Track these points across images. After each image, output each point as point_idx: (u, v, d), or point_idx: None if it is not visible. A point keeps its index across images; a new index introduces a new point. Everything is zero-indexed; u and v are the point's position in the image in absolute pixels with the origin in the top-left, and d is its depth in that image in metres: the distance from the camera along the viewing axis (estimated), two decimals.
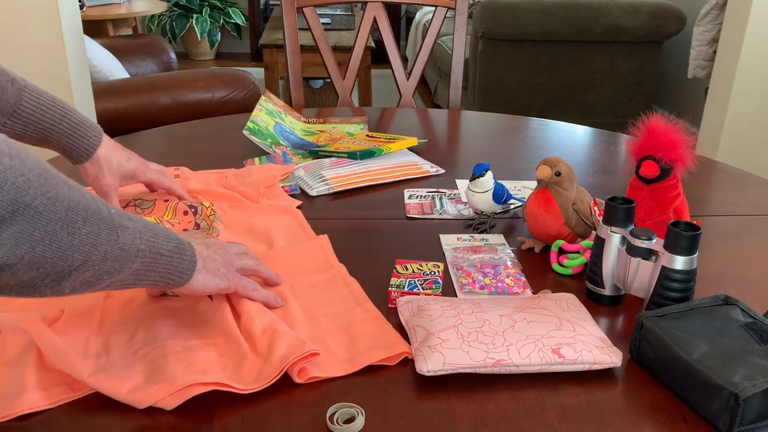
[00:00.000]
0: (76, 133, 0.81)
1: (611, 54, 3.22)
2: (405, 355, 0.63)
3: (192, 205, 0.90)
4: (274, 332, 0.63)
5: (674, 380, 0.60)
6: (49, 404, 0.56)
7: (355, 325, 0.67)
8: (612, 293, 0.73)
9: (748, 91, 2.31)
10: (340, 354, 0.63)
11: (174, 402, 0.56)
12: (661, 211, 0.80)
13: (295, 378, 0.59)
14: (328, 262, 0.80)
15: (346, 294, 0.73)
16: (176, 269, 0.59)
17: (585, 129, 1.38)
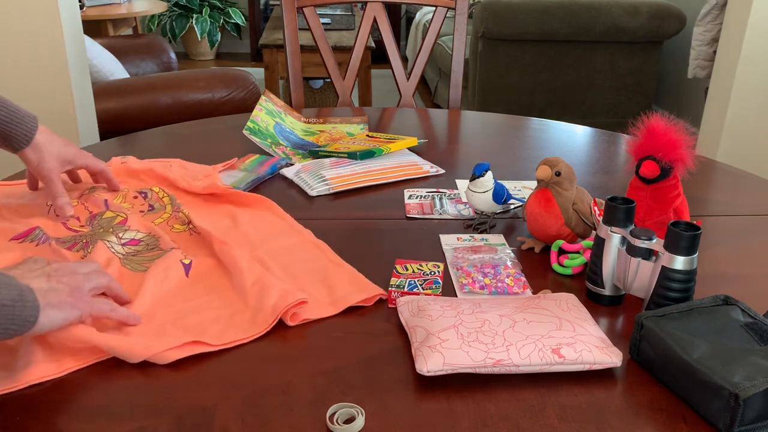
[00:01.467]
0: (14, 120, 0.83)
1: (611, 54, 3.22)
2: (380, 297, 0.72)
3: (141, 190, 0.95)
4: (264, 284, 0.70)
5: (674, 380, 0.60)
6: (57, 373, 0.59)
7: (330, 277, 0.75)
8: (612, 293, 0.73)
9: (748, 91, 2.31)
10: (322, 300, 0.71)
11: (174, 356, 0.61)
12: (661, 211, 0.80)
13: (288, 321, 0.66)
14: (293, 228, 0.87)
15: (317, 254, 0.81)
16: (19, 318, 0.56)
17: (585, 129, 1.38)
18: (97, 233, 0.83)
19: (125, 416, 0.56)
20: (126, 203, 0.92)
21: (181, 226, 0.87)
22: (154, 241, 0.81)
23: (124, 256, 0.79)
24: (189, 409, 0.56)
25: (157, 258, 0.77)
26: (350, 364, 0.63)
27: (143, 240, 0.82)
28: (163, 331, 0.65)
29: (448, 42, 3.67)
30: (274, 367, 0.62)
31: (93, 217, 0.87)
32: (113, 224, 0.84)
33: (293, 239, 0.84)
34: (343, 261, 0.79)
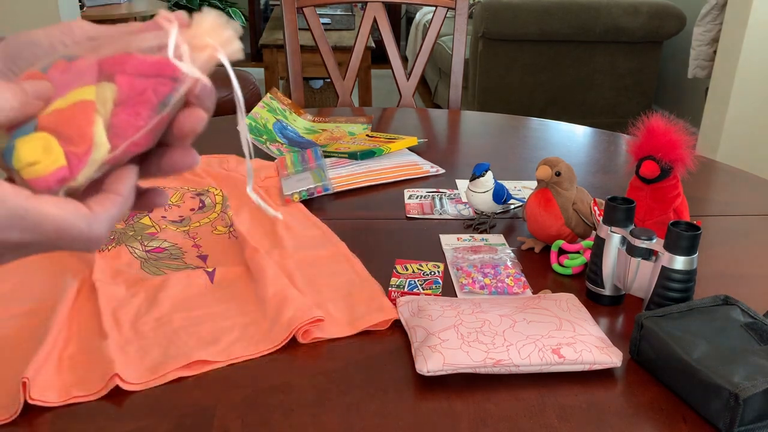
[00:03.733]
0: None
1: (611, 54, 3.22)
2: (393, 320, 0.69)
3: (199, 192, 0.96)
4: (285, 297, 0.69)
5: (674, 380, 0.60)
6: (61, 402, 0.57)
7: (354, 294, 0.73)
8: (612, 293, 0.73)
9: (748, 91, 2.31)
10: (341, 318, 0.69)
11: (191, 371, 0.61)
12: (661, 211, 0.80)
13: (300, 339, 0.65)
14: (328, 239, 0.86)
15: (346, 268, 0.79)
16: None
17: (585, 129, 1.38)
18: (126, 235, 0.84)
19: (125, 416, 0.56)
20: (179, 200, 0.93)
21: (223, 228, 0.87)
22: (179, 252, 0.81)
23: (145, 260, 0.79)
24: (189, 409, 0.56)
25: (176, 269, 0.77)
26: (350, 364, 0.63)
27: (168, 249, 0.82)
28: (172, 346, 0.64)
29: (448, 42, 3.67)
30: (274, 367, 0.62)
31: (131, 216, 0.88)
32: (144, 232, 0.85)
33: (325, 251, 0.82)
34: (371, 276, 0.76)
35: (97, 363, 0.60)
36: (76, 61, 0.36)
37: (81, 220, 0.34)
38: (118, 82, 0.35)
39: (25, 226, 0.32)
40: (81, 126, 0.34)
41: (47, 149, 0.33)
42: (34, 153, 0.33)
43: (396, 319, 0.68)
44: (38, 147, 0.33)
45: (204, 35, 0.36)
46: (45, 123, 0.34)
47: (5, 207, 0.31)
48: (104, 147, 0.34)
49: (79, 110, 0.34)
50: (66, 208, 0.33)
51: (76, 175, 0.34)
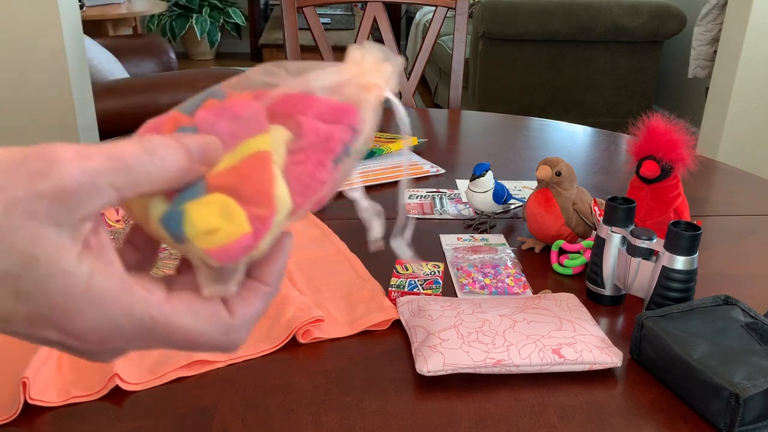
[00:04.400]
0: None
1: (611, 54, 3.22)
2: (393, 320, 0.68)
3: None
4: (285, 297, 0.68)
5: (674, 380, 0.60)
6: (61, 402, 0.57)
7: (354, 294, 0.73)
8: (612, 293, 0.73)
9: (748, 90, 2.31)
10: (341, 318, 0.69)
11: (190, 371, 0.60)
12: (662, 211, 0.80)
13: (300, 339, 0.65)
14: (328, 238, 0.86)
15: (346, 267, 0.79)
16: None
17: (585, 129, 1.38)
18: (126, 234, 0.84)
19: (125, 416, 0.55)
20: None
21: None
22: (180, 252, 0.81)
23: None
24: (189, 409, 0.56)
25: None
26: (350, 364, 0.63)
27: (170, 250, 0.82)
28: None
29: (448, 42, 3.67)
30: (273, 367, 0.62)
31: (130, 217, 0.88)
32: None
33: (325, 251, 0.82)
34: (371, 276, 0.76)
35: (97, 363, 0.60)
36: (229, 100, 0.30)
37: (217, 331, 0.29)
38: (298, 127, 0.30)
39: (152, 337, 0.28)
40: (261, 183, 0.28)
41: (227, 214, 0.28)
42: (213, 219, 0.28)
43: (396, 319, 0.68)
44: (215, 211, 0.28)
45: (370, 73, 0.32)
46: (216, 182, 0.29)
47: (132, 317, 0.27)
48: (287, 206, 0.29)
49: (256, 164, 0.29)
50: (201, 316, 0.29)
51: (259, 242, 0.29)
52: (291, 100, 0.30)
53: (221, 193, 0.28)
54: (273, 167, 0.29)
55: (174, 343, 0.28)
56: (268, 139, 0.29)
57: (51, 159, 0.24)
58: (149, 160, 0.26)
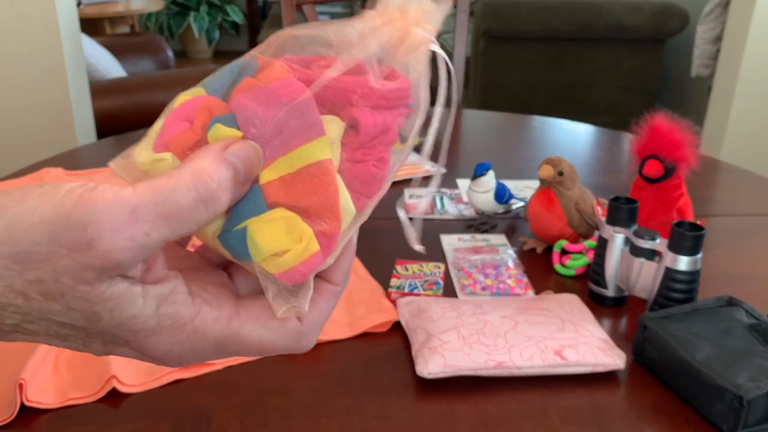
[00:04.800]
0: None
1: (614, 52, 3.21)
2: (393, 321, 0.67)
3: None
4: None
5: (677, 382, 0.59)
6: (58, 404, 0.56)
7: (354, 295, 0.72)
8: (615, 294, 0.73)
9: (752, 89, 2.30)
10: (340, 320, 0.68)
11: (188, 374, 0.60)
12: (665, 211, 0.79)
13: None
14: None
15: None
16: None
17: (587, 128, 1.38)
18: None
19: (122, 418, 0.55)
20: None
21: None
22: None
23: None
24: (187, 411, 0.56)
25: None
26: (350, 366, 0.62)
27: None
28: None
29: (449, 40, 3.66)
30: (272, 368, 0.62)
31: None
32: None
33: None
34: (371, 277, 0.76)
35: (94, 365, 0.59)
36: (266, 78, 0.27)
37: (289, 338, 0.29)
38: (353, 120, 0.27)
39: (226, 350, 0.28)
40: (326, 197, 0.26)
41: (294, 233, 0.26)
42: (280, 240, 0.26)
43: (396, 321, 0.67)
44: (281, 231, 0.26)
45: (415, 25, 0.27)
46: (275, 194, 0.26)
47: (205, 340, 0.27)
48: (351, 214, 0.27)
49: (318, 175, 0.26)
50: (271, 327, 0.28)
51: (327, 258, 0.27)
52: (341, 86, 0.27)
53: (283, 207, 0.26)
54: (334, 174, 0.26)
55: (248, 353, 0.29)
56: (327, 143, 0.26)
57: (96, 228, 0.23)
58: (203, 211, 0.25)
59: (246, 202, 0.26)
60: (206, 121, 0.27)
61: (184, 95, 0.28)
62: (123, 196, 0.23)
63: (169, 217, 0.24)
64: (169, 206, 0.24)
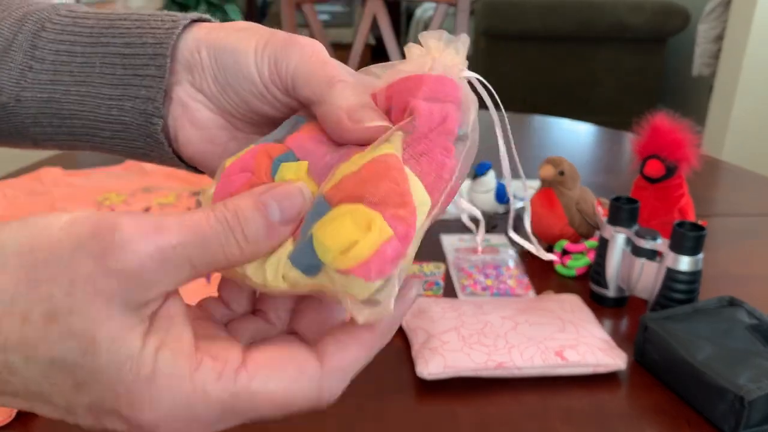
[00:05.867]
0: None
1: (615, 51, 3.20)
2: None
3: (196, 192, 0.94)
4: None
5: (678, 383, 0.59)
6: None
7: None
8: (616, 295, 0.72)
9: (753, 88, 2.30)
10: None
11: None
12: (666, 211, 0.79)
13: None
14: None
15: None
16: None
17: (588, 127, 1.37)
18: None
19: None
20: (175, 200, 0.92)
21: None
22: None
23: None
24: None
25: None
26: None
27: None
28: None
29: None
30: None
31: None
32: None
33: None
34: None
35: None
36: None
37: (307, 386, 0.25)
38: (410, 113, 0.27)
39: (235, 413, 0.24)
40: (394, 181, 0.24)
41: (361, 222, 0.23)
42: (346, 231, 0.23)
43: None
44: (347, 224, 0.24)
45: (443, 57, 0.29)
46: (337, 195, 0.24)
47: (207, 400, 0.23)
48: (426, 203, 0.25)
49: (382, 164, 0.25)
50: (286, 373, 0.25)
51: (407, 247, 0.24)
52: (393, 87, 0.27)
53: (346, 203, 0.24)
54: (401, 165, 0.25)
55: (262, 413, 0.25)
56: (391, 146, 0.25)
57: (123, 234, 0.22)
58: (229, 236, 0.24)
59: (311, 214, 0.25)
60: (268, 164, 0.26)
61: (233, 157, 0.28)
62: (146, 215, 0.23)
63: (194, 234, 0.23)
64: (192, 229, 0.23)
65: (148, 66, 0.32)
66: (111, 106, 0.33)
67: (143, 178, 1.00)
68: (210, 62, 0.32)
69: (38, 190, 0.95)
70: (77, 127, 0.34)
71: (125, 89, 0.32)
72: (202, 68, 0.32)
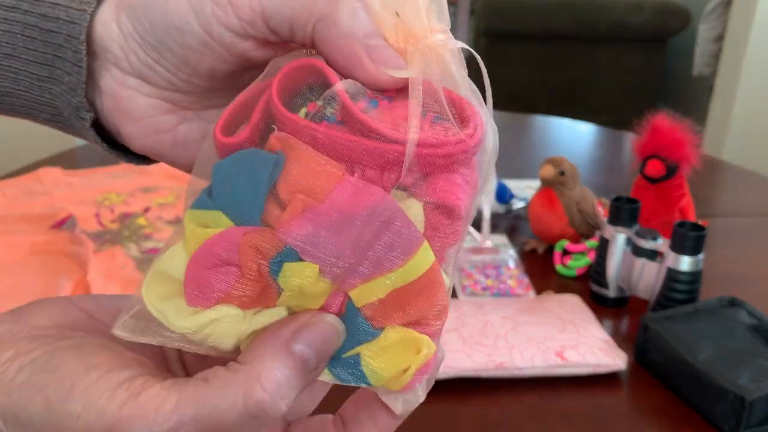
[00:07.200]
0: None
1: (615, 51, 3.20)
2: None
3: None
4: None
5: (679, 383, 0.59)
6: None
7: None
8: (616, 295, 0.72)
9: (754, 88, 2.30)
10: None
11: None
12: (666, 211, 0.79)
13: None
14: None
15: None
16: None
17: (589, 127, 1.37)
18: (122, 235, 0.83)
19: None
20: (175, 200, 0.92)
21: None
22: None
23: (140, 260, 0.79)
24: None
25: None
26: None
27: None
28: None
29: None
30: None
31: (126, 217, 0.88)
32: (139, 233, 0.85)
33: None
34: None
35: None
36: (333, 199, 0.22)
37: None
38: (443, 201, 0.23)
39: None
40: (438, 300, 0.23)
41: (411, 347, 0.23)
42: (399, 362, 0.23)
43: None
44: (400, 351, 0.23)
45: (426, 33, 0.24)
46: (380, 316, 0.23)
47: None
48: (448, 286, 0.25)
49: (426, 284, 0.23)
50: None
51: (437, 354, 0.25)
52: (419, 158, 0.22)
53: (395, 325, 0.23)
54: (441, 274, 0.23)
55: None
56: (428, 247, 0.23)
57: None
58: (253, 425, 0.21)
59: (349, 328, 0.23)
60: (261, 263, 0.22)
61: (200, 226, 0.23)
62: (164, 410, 0.20)
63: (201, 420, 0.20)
64: (212, 422, 0.21)
65: (64, 48, 0.27)
66: (43, 88, 0.28)
67: (143, 178, 1.00)
68: (133, 27, 0.26)
69: (38, 190, 0.95)
70: (16, 106, 0.29)
71: (51, 70, 0.27)
72: (125, 40, 0.26)
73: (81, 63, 0.27)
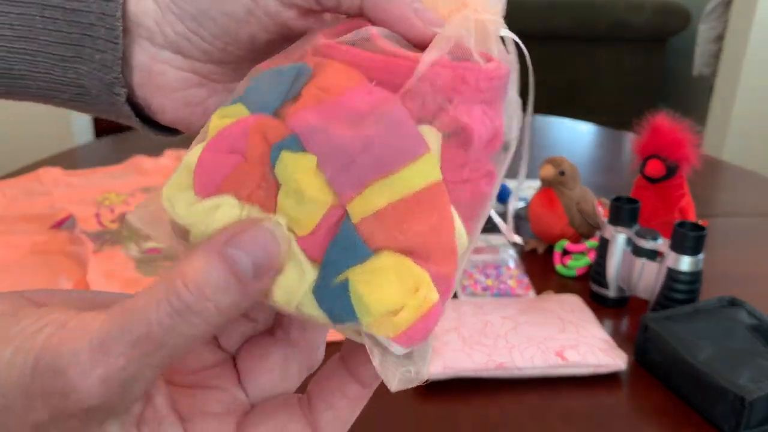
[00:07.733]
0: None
1: (615, 51, 3.20)
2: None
3: None
4: None
5: (679, 383, 0.59)
6: None
7: None
8: (616, 295, 0.72)
9: (754, 88, 2.30)
10: None
11: None
12: (667, 211, 0.79)
13: None
14: None
15: None
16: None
17: (589, 127, 1.37)
18: (121, 235, 0.84)
19: None
20: None
21: None
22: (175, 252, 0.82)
23: (140, 260, 0.78)
24: None
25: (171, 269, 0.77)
26: None
27: (164, 249, 0.82)
28: None
29: None
30: None
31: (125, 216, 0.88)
32: (139, 233, 0.85)
33: None
34: None
35: None
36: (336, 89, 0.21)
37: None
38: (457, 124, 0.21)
39: None
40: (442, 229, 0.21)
41: (408, 282, 0.21)
42: (392, 294, 0.20)
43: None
44: (392, 282, 0.20)
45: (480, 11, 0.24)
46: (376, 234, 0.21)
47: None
48: (464, 246, 0.22)
49: (429, 202, 0.21)
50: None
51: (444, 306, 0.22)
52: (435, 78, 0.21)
53: (390, 250, 0.20)
54: (447, 199, 0.21)
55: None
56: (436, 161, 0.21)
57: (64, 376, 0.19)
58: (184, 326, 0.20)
59: (340, 246, 0.21)
60: (264, 149, 0.21)
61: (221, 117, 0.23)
62: (91, 329, 0.19)
63: (143, 344, 0.19)
64: (141, 329, 0.19)
65: (96, 26, 0.27)
66: (66, 68, 0.28)
67: (143, 178, 1.00)
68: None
69: (38, 190, 0.95)
70: (33, 89, 0.29)
71: (78, 50, 0.27)
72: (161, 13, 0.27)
73: (117, 40, 0.27)
